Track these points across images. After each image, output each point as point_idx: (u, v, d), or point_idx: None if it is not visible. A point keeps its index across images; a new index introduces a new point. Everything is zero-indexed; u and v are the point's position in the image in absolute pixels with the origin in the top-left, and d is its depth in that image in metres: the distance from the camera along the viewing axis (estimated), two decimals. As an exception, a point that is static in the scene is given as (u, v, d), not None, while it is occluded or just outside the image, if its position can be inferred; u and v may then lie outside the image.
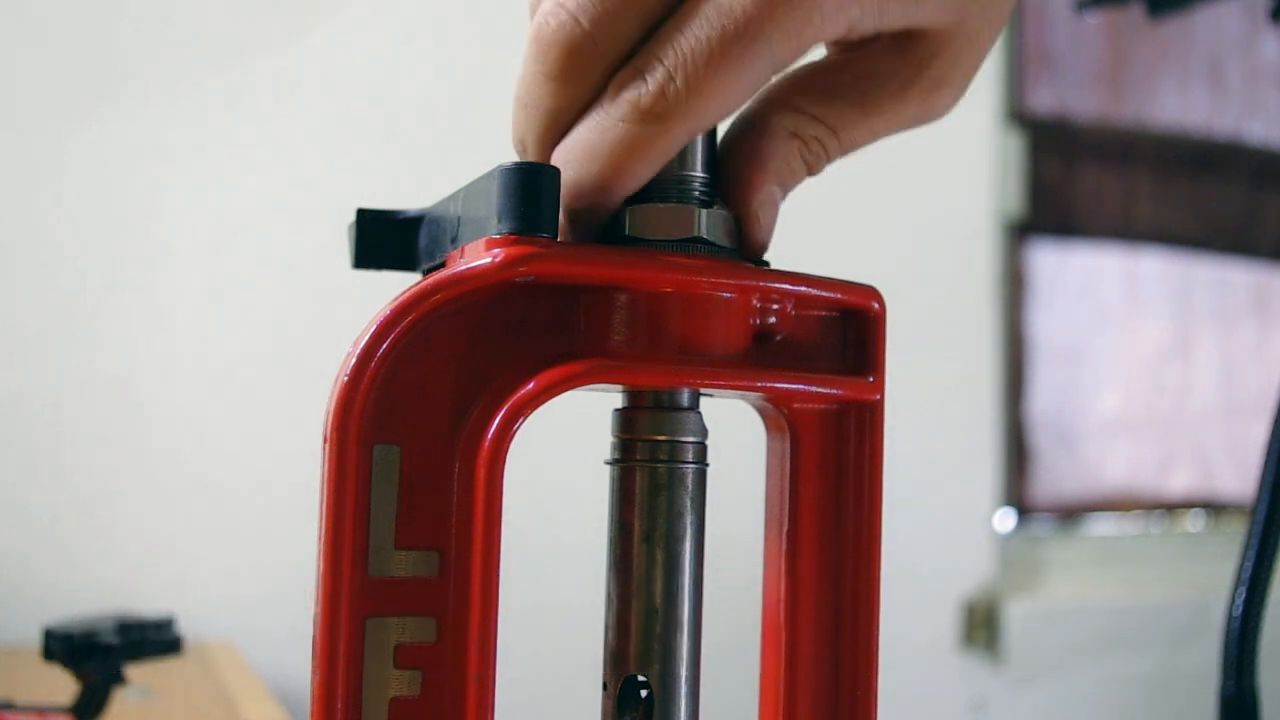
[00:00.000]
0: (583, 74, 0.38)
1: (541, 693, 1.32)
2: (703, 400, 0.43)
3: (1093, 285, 2.01)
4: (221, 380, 1.34)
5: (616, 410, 0.42)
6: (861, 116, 0.42)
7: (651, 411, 0.41)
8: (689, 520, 0.41)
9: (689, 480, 0.41)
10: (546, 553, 1.40)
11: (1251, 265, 2.11)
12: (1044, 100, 1.94)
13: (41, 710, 0.76)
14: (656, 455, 0.41)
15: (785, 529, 0.43)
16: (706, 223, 0.40)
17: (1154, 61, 2.05)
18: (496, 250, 0.37)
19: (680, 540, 0.41)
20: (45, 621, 0.75)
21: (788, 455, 0.43)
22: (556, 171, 0.38)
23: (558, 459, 1.33)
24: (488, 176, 0.39)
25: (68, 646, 0.72)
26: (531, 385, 0.37)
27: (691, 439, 0.41)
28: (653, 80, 0.37)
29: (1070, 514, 1.94)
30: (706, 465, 0.42)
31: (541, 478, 1.35)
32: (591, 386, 0.39)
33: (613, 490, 0.42)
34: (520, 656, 1.02)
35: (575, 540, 1.43)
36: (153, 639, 0.76)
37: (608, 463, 0.42)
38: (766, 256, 0.42)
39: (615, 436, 0.42)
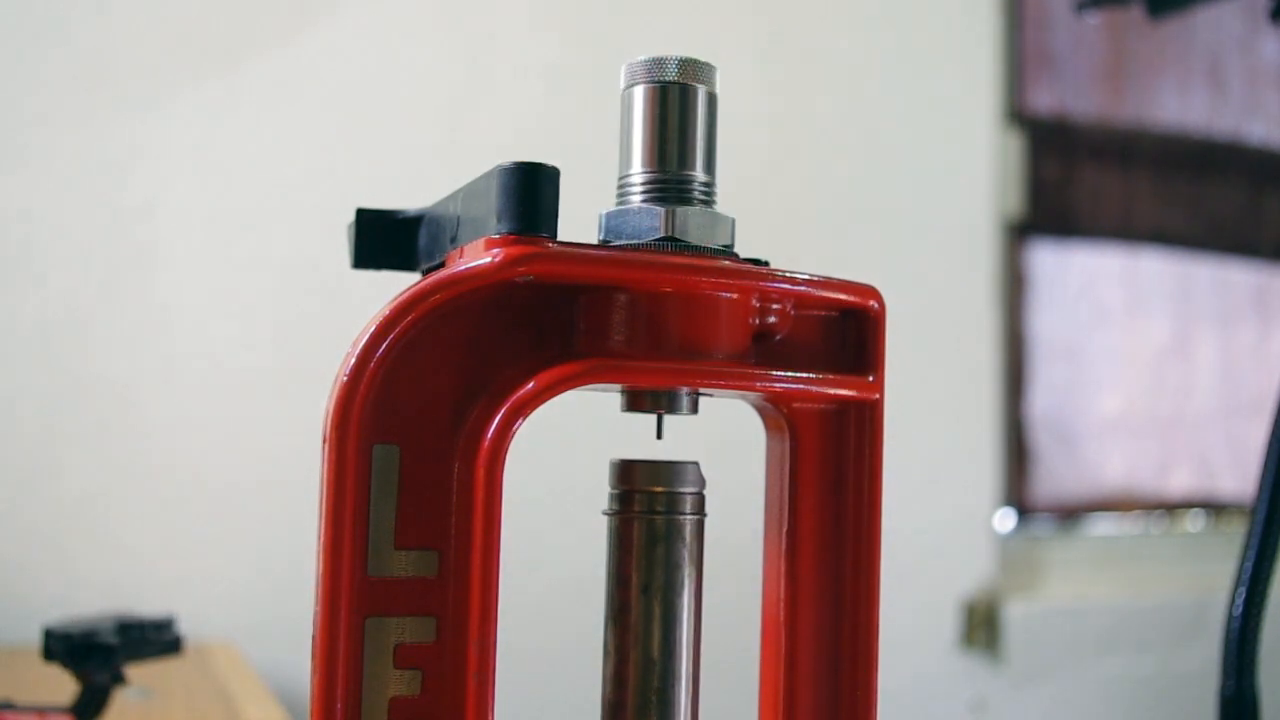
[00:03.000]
0: None
1: (541, 692, 1.32)
2: (703, 400, 0.43)
3: (1093, 285, 2.00)
4: (221, 380, 1.34)
5: (613, 462, 0.42)
6: None
7: (649, 463, 0.41)
8: (686, 572, 0.41)
9: (686, 532, 0.41)
10: (546, 552, 1.40)
11: (1251, 265, 2.10)
12: (1044, 100, 1.94)
13: (41, 710, 0.76)
14: (654, 507, 0.41)
15: (785, 529, 0.43)
16: (679, 222, 0.40)
17: (1154, 61, 2.05)
18: (496, 250, 0.37)
19: (678, 592, 0.41)
20: (45, 621, 0.75)
21: (788, 455, 0.43)
22: (556, 171, 0.38)
23: (558, 459, 1.34)
24: (487, 176, 0.39)
25: (68, 646, 0.72)
26: (531, 385, 0.37)
27: (689, 490, 0.41)
28: None
29: (1070, 514, 1.94)
30: (704, 516, 0.42)
31: (541, 478, 1.35)
32: (591, 386, 0.39)
33: (610, 542, 0.41)
34: (520, 657, 1.02)
35: (574, 541, 1.43)
36: (153, 639, 0.76)
37: (605, 514, 0.42)
38: (766, 256, 0.42)
39: (612, 488, 0.41)
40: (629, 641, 0.40)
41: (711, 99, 0.42)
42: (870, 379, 0.42)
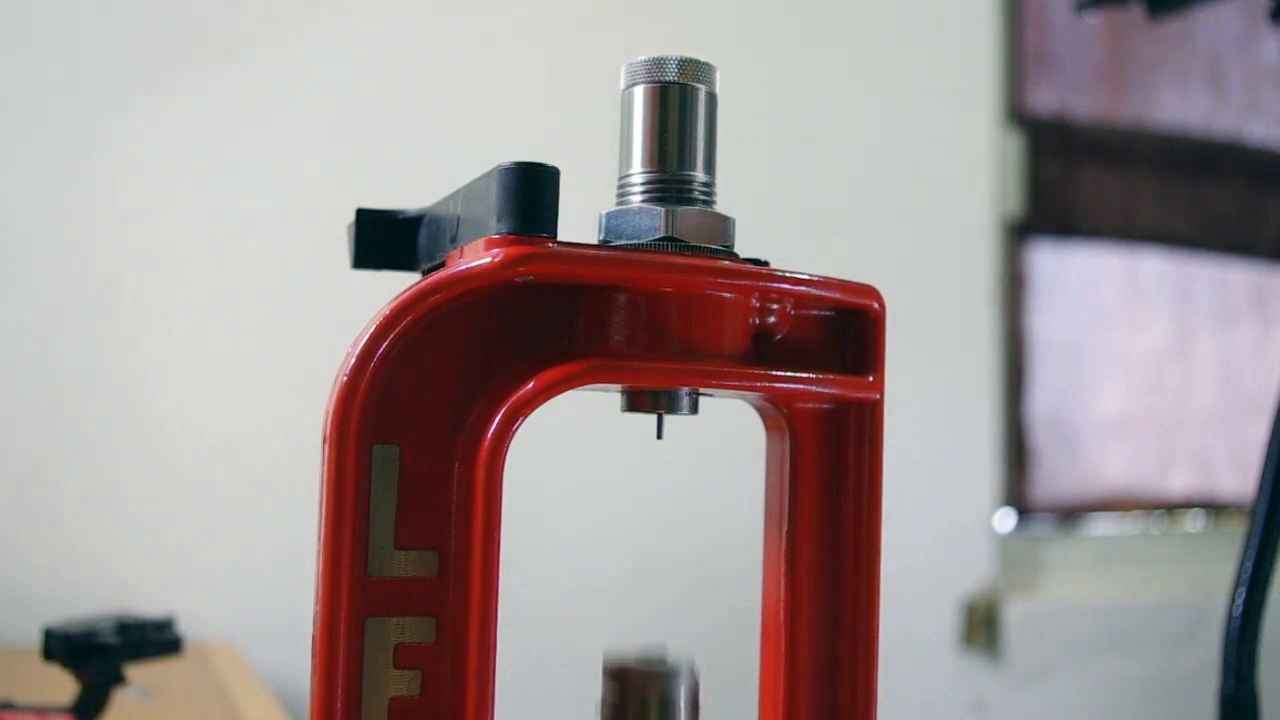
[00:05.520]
0: None
1: (542, 693, 1.32)
2: (703, 400, 0.43)
3: (1093, 285, 2.00)
4: (221, 380, 1.34)
5: (607, 659, 0.40)
6: None
7: (642, 671, 0.39)
8: None
9: None
10: (546, 552, 1.40)
11: (1251, 265, 2.10)
12: (1044, 100, 1.94)
13: (41, 710, 0.76)
14: (647, 715, 0.39)
15: (785, 529, 0.43)
16: (679, 222, 0.40)
17: (1154, 61, 2.05)
18: (496, 250, 0.37)
19: None
20: (45, 621, 0.75)
21: (788, 455, 0.43)
22: (556, 171, 0.38)
23: (557, 459, 1.34)
24: (487, 176, 0.39)
25: (68, 646, 0.72)
26: (531, 385, 0.37)
27: (683, 697, 0.39)
28: None
29: (1070, 514, 1.94)
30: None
31: (541, 478, 1.34)
32: (591, 386, 0.39)
33: None
34: (520, 656, 1.01)
35: (574, 540, 1.43)
36: (153, 639, 0.75)
37: (597, 712, 0.40)
38: (766, 256, 0.42)
39: (605, 685, 0.40)
40: None
41: (712, 99, 0.42)
42: (870, 379, 0.42)
